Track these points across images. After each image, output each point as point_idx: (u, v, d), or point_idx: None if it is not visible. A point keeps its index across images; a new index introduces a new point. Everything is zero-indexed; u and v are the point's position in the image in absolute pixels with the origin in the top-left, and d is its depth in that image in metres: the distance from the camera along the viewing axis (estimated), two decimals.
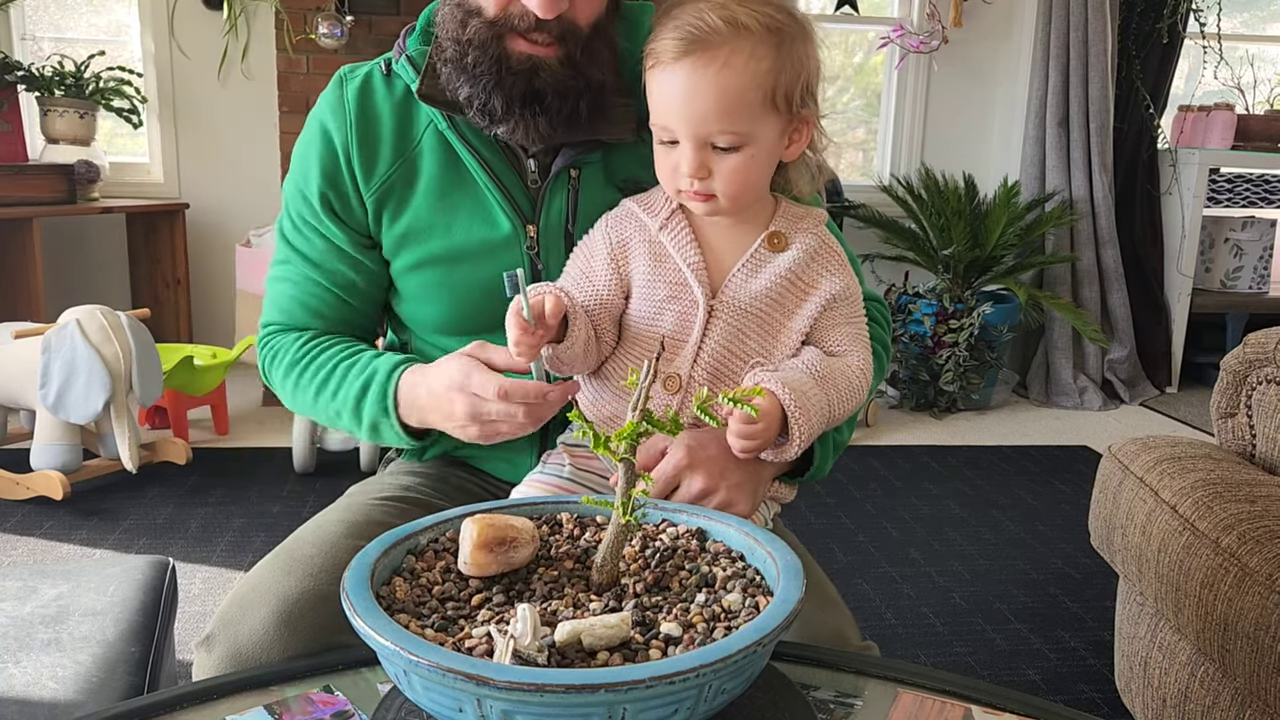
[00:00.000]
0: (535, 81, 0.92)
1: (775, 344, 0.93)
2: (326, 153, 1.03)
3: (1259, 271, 4.07)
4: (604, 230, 0.96)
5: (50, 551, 2.17)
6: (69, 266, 3.65)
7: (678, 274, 0.92)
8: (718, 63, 0.84)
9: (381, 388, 0.99)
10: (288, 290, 1.09)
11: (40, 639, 1.10)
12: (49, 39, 3.67)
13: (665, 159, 0.90)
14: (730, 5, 0.86)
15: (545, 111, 0.93)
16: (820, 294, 0.93)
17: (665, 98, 0.87)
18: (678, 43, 0.85)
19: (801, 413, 0.85)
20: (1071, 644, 1.94)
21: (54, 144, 3.30)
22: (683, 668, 0.55)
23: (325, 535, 0.96)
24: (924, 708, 0.74)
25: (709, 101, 0.85)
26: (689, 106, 0.86)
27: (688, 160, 0.87)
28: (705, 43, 0.84)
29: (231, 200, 3.68)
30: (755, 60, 0.85)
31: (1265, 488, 1.27)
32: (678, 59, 0.85)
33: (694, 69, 0.85)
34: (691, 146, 0.87)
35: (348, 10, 3.30)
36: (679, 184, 0.89)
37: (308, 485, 2.61)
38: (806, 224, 0.95)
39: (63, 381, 2.32)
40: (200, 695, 0.73)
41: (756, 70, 0.85)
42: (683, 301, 0.92)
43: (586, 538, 0.76)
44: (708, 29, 0.84)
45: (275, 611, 0.86)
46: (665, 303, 0.92)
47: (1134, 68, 3.85)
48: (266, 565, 0.92)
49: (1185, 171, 3.85)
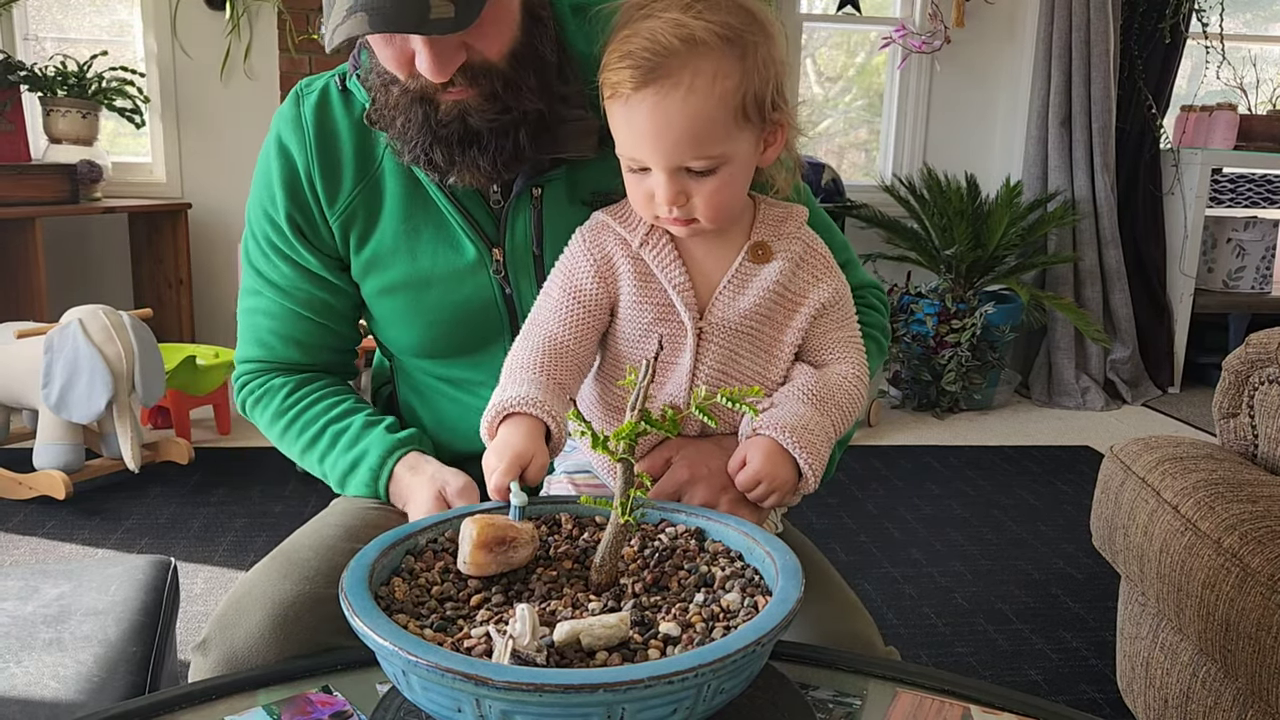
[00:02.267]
0: (468, 124, 0.89)
1: (770, 361, 0.90)
2: (288, 173, 1.00)
3: (1261, 272, 4.06)
4: (584, 246, 0.90)
5: (52, 551, 2.18)
6: (71, 266, 3.66)
7: (663, 295, 0.87)
8: (681, 89, 0.79)
9: (373, 474, 0.99)
10: (263, 323, 1.06)
11: (42, 638, 1.10)
12: (52, 39, 3.67)
13: (638, 186, 0.85)
14: (684, 20, 0.79)
15: (484, 151, 0.90)
16: (810, 304, 0.90)
17: (630, 131, 0.82)
18: (635, 72, 0.79)
19: (809, 453, 0.82)
20: (1073, 644, 1.94)
21: (56, 144, 3.30)
22: (681, 667, 0.55)
23: (322, 538, 0.95)
24: (923, 707, 0.74)
25: (678, 131, 0.80)
26: (658, 139, 0.81)
27: (663, 190, 0.82)
28: (663, 68, 0.79)
29: (234, 200, 3.69)
30: (719, 79, 0.80)
31: (1267, 488, 1.26)
32: (638, 89, 0.79)
33: (657, 100, 0.79)
34: (665, 176, 0.82)
35: None
36: (657, 211, 0.85)
37: (310, 485, 2.62)
38: (789, 228, 0.91)
39: (65, 381, 2.33)
40: (200, 695, 0.73)
41: (723, 89, 0.80)
42: (671, 324, 0.87)
43: (585, 538, 0.76)
44: (664, 52, 0.79)
45: (269, 615, 0.85)
46: (653, 325, 0.88)
47: (1136, 68, 3.84)
48: (262, 569, 0.92)
49: (1188, 171, 3.84)
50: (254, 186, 1.04)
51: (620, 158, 0.85)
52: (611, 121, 0.84)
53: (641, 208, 0.87)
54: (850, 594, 0.99)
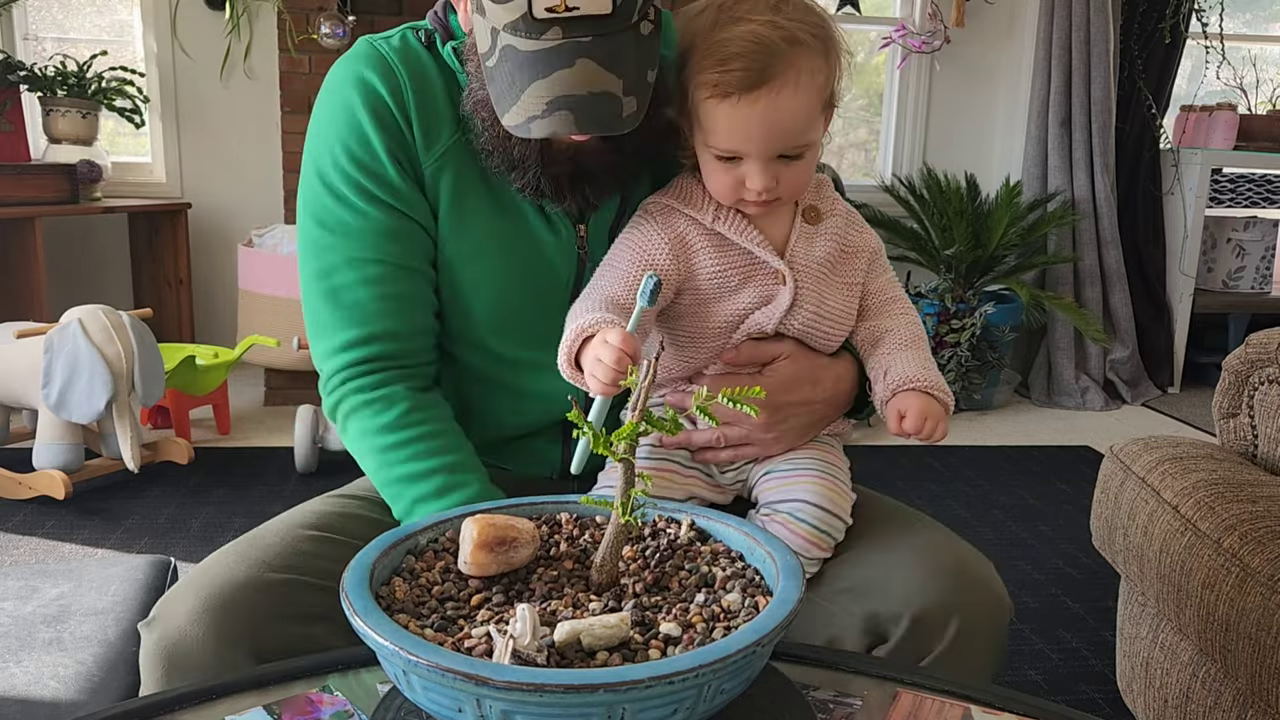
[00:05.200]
0: (581, 164, 0.90)
1: (850, 300, 0.99)
2: (378, 108, 0.93)
3: (1261, 272, 4.06)
4: (657, 226, 0.94)
5: (52, 551, 2.18)
6: (71, 266, 3.66)
7: (746, 257, 0.94)
8: (790, 87, 0.86)
9: None
10: (362, 294, 0.94)
11: (42, 638, 1.10)
12: (51, 39, 3.67)
13: (725, 174, 0.91)
14: (780, 21, 0.85)
15: (594, 185, 0.92)
16: (865, 252, 1.00)
17: (737, 128, 0.88)
18: (745, 75, 0.85)
19: (941, 390, 0.93)
20: (1073, 644, 1.94)
21: (56, 144, 3.30)
22: (682, 668, 0.55)
23: (289, 525, 0.95)
24: (923, 707, 0.74)
25: (786, 126, 0.87)
26: (767, 135, 0.87)
27: (760, 177, 0.89)
28: (771, 69, 0.85)
29: (234, 200, 3.69)
30: (815, 74, 0.87)
31: (1267, 488, 1.26)
32: (748, 90, 0.85)
33: (769, 99, 0.86)
34: (762, 164, 0.89)
35: (350, 10, 3.30)
36: (743, 195, 0.91)
37: (310, 485, 2.61)
38: (826, 192, 1.00)
39: (65, 381, 2.33)
40: (200, 695, 0.73)
41: (818, 84, 0.88)
42: (761, 278, 0.94)
43: (586, 538, 0.76)
44: (770, 53, 0.85)
45: (208, 598, 0.84)
46: (741, 286, 0.94)
47: (1136, 68, 3.85)
48: (223, 551, 0.92)
49: (1187, 171, 3.84)
50: (323, 138, 0.95)
51: (707, 149, 0.91)
52: (709, 119, 0.89)
53: (725, 192, 0.92)
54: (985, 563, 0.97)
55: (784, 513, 0.92)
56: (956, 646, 0.88)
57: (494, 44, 0.82)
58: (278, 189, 3.50)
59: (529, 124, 0.81)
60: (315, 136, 0.96)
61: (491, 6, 0.80)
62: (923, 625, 0.88)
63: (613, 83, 0.80)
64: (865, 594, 0.91)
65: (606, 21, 0.79)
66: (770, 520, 0.93)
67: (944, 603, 0.88)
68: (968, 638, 0.88)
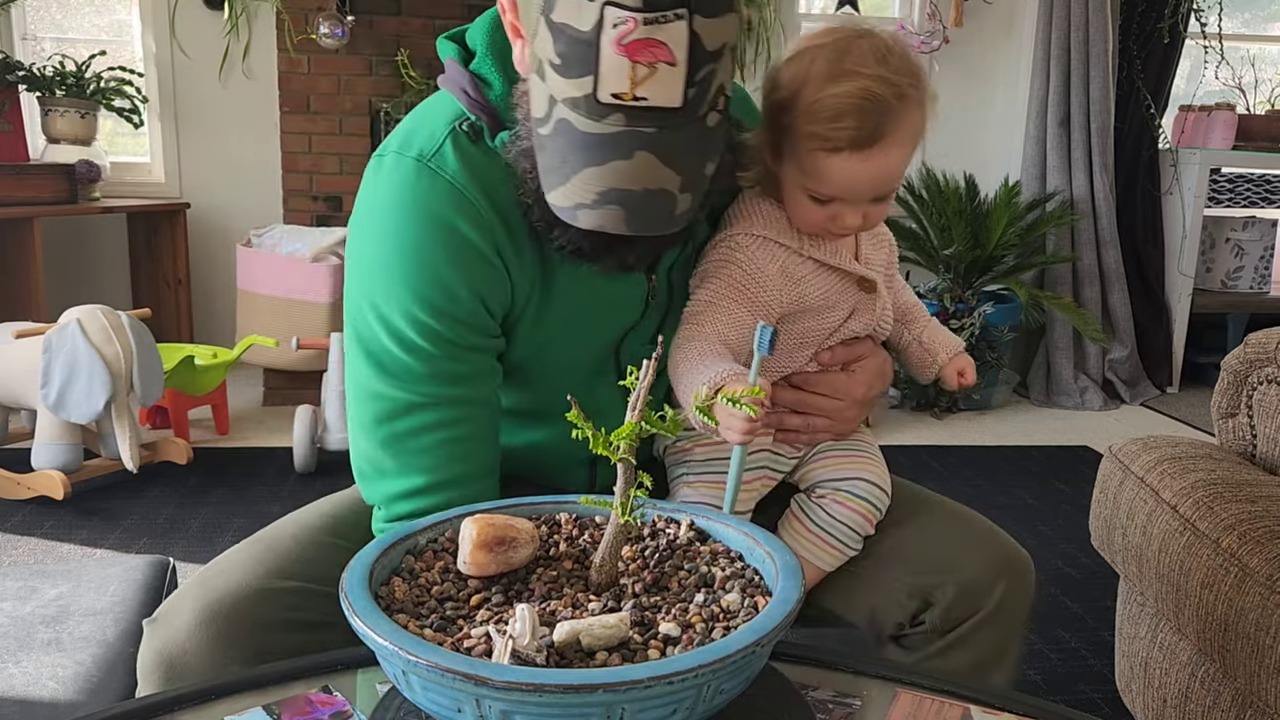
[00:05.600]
0: None
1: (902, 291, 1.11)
2: (468, 256, 0.85)
3: (1260, 271, 4.06)
4: (758, 262, 0.95)
5: (51, 551, 2.17)
6: (70, 266, 3.65)
7: (839, 274, 0.99)
8: (900, 144, 0.88)
9: None
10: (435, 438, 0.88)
11: (40, 639, 1.10)
12: (50, 39, 3.67)
13: (817, 211, 0.93)
14: (890, 78, 0.86)
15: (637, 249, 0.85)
16: (889, 237, 1.08)
17: (844, 180, 0.89)
18: (858, 132, 0.86)
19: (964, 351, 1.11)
20: (1072, 644, 1.94)
21: (55, 144, 3.30)
22: (681, 668, 0.55)
23: (305, 528, 0.94)
24: (922, 707, 0.74)
25: (892, 177, 0.91)
26: (874, 185, 0.90)
27: (853, 217, 0.92)
28: (884, 126, 0.86)
29: (233, 200, 3.69)
30: (919, 125, 0.90)
31: (1266, 488, 1.27)
32: (862, 147, 0.87)
33: (881, 155, 0.88)
34: (857, 206, 0.92)
35: (349, 10, 3.30)
36: (833, 229, 0.94)
37: (309, 485, 2.61)
38: None
39: (64, 381, 2.33)
40: (199, 695, 0.73)
41: (919, 133, 0.91)
42: (852, 290, 1.00)
43: (585, 538, 0.76)
44: (882, 111, 0.86)
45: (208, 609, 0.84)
46: (839, 300, 1.00)
47: (1135, 67, 3.85)
48: (239, 554, 0.91)
49: (1186, 171, 3.84)
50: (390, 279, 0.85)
51: (804, 191, 0.91)
52: (814, 167, 0.89)
53: (814, 225, 0.95)
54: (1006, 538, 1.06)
55: (845, 490, 1.01)
56: (999, 610, 0.98)
57: (550, 112, 0.75)
58: (276, 189, 3.49)
59: (576, 211, 0.76)
60: (378, 274, 0.86)
61: (554, 76, 0.73)
62: (969, 592, 0.97)
63: (670, 180, 0.75)
64: (908, 564, 1.01)
65: (673, 115, 0.73)
66: (829, 498, 1.02)
67: (989, 570, 0.99)
68: (1009, 603, 0.98)
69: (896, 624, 1.02)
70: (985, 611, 0.98)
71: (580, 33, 0.70)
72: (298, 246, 3.11)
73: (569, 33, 0.71)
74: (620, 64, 0.70)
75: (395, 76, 3.37)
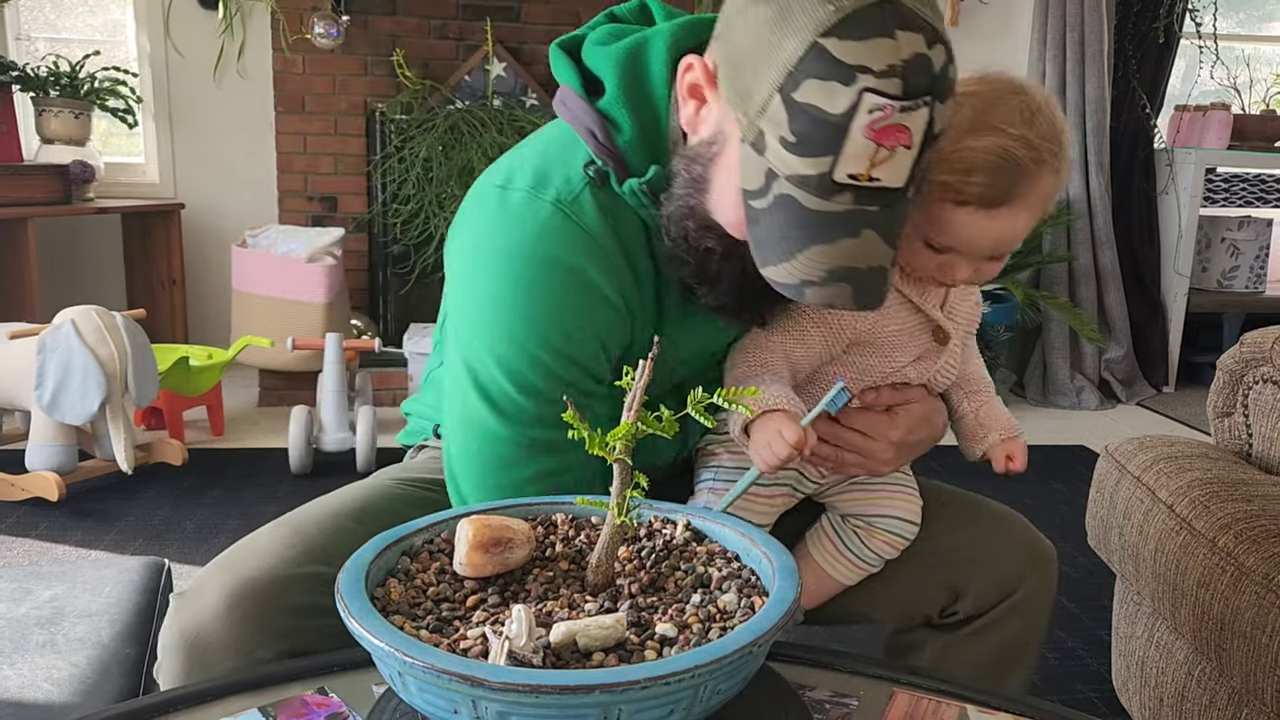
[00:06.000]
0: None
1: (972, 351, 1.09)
2: (598, 306, 0.86)
3: (1255, 271, 4.07)
4: None
5: (45, 553, 2.17)
6: (64, 267, 3.65)
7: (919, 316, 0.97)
8: (1027, 210, 0.86)
9: None
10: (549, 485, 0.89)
11: (35, 640, 1.10)
12: (44, 39, 3.66)
13: (929, 258, 0.90)
14: (1031, 138, 0.83)
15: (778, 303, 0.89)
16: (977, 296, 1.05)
17: (964, 234, 0.87)
18: (988, 191, 0.83)
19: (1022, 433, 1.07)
20: (1069, 643, 1.94)
21: (49, 144, 3.29)
22: (678, 668, 0.55)
23: (333, 514, 0.94)
24: (919, 707, 0.74)
25: (1012, 238, 0.88)
26: (991, 246, 0.88)
27: (965, 271, 0.90)
28: (1015, 189, 0.84)
29: (227, 200, 3.68)
30: (1052, 191, 0.87)
31: (1262, 487, 1.27)
32: (988, 206, 0.84)
33: (1006, 217, 0.85)
34: (971, 261, 0.90)
35: (344, 10, 3.30)
36: (940, 277, 0.92)
37: (304, 486, 2.61)
38: None
39: (58, 382, 2.32)
40: (195, 697, 0.73)
41: (1050, 198, 0.88)
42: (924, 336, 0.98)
43: (581, 538, 0.76)
44: (1017, 173, 0.83)
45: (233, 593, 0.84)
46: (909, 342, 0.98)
47: (1130, 67, 3.85)
48: (266, 536, 0.91)
49: (1182, 171, 3.85)
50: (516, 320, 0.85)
51: (927, 241, 0.89)
52: (937, 216, 0.87)
53: (921, 270, 0.93)
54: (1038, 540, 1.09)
55: (883, 530, 1.03)
56: (1028, 599, 1.04)
57: (768, 186, 0.75)
58: (271, 189, 3.49)
59: (803, 288, 0.76)
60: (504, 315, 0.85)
61: (781, 152, 0.73)
62: (1000, 582, 1.04)
63: (887, 256, 0.76)
64: (941, 562, 1.05)
65: (896, 194, 0.74)
66: (869, 534, 1.03)
67: (1019, 561, 1.05)
68: (1038, 592, 1.05)
69: (925, 615, 1.08)
70: (1015, 599, 1.04)
71: (828, 115, 0.70)
72: (293, 247, 3.10)
73: (813, 114, 0.70)
74: (866, 147, 0.71)
75: (391, 76, 3.36)
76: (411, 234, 3.30)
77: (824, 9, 0.69)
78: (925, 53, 0.70)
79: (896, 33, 0.69)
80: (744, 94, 0.74)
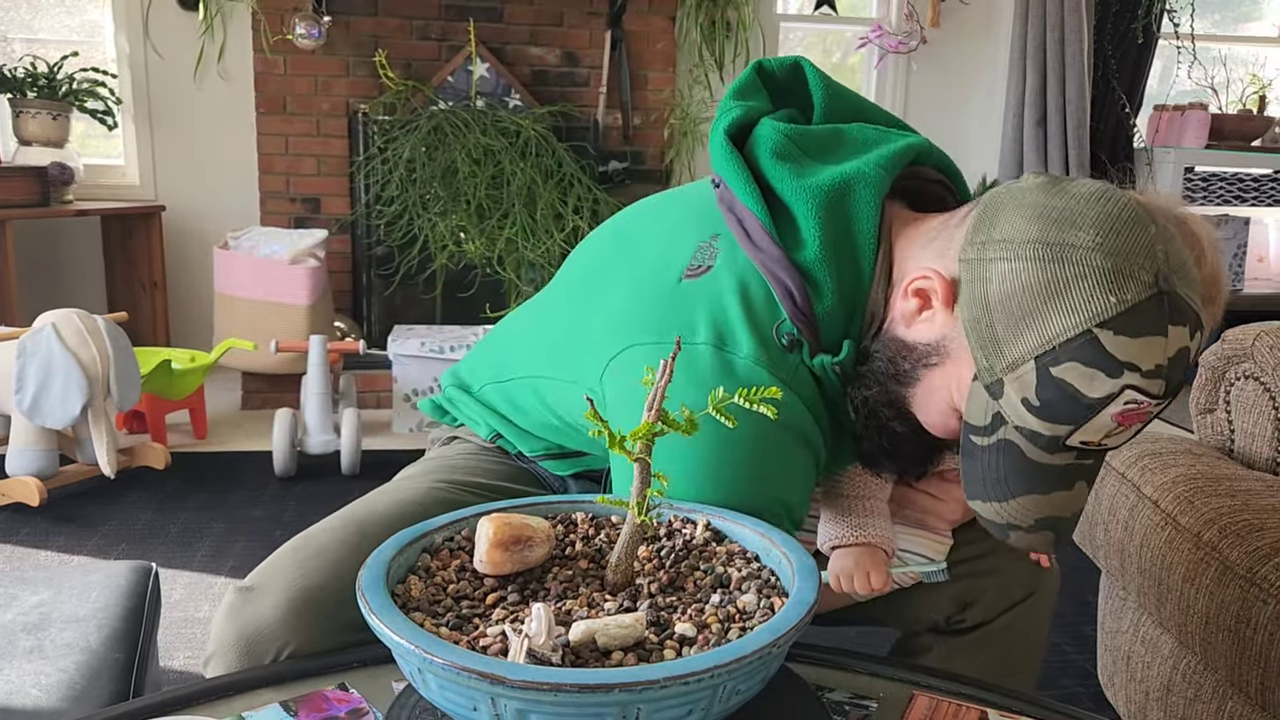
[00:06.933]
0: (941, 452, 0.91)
1: None
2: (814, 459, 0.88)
3: (1234, 269, 4.12)
4: None
5: (28, 558, 2.14)
6: (43, 270, 3.60)
7: None
8: None
9: None
10: None
11: (22, 646, 1.08)
12: (20, 39, 3.61)
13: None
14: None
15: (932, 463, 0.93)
16: None
17: None
18: None
19: None
20: (1054, 639, 1.96)
21: (27, 146, 3.25)
22: (697, 668, 0.56)
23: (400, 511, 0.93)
24: (939, 710, 0.74)
25: None
26: None
27: None
28: None
29: (209, 202, 3.65)
30: None
31: (1244, 482, 1.28)
32: None
33: None
34: None
35: (325, 10, 3.28)
36: None
37: (288, 489, 2.59)
38: None
39: (39, 386, 2.29)
40: (216, 691, 0.73)
41: None
42: None
43: (601, 537, 0.76)
44: None
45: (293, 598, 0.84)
46: None
47: (1110, 67, 3.90)
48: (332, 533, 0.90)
49: (1161, 170, 3.90)
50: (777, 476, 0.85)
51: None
52: None
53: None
54: None
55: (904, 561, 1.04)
56: (1033, 604, 1.09)
57: (993, 428, 0.75)
58: (253, 191, 3.46)
59: (1008, 530, 0.78)
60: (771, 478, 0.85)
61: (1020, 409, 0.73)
62: (1007, 590, 1.08)
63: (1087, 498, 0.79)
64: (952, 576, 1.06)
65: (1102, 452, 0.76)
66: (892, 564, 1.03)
67: (1027, 568, 1.09)
68: (1042, 596, 1.10)
69: (933, 622, 1.10)
70: (1020, 609, 1.08)
71: (1083, 396, 0.70)
72: (275, 249, 3.08)
73: (1067, 390, 0.70)
74: (1107, 425, 0.72)
75: (373, 77, 3.35)
76: (395, 235, 3.29)
77: (1106, 300, 0.68)
78: (1188, 345, 0.70)
79: (1169, 329, 0.69)
80: (989, 341, 0.73)
